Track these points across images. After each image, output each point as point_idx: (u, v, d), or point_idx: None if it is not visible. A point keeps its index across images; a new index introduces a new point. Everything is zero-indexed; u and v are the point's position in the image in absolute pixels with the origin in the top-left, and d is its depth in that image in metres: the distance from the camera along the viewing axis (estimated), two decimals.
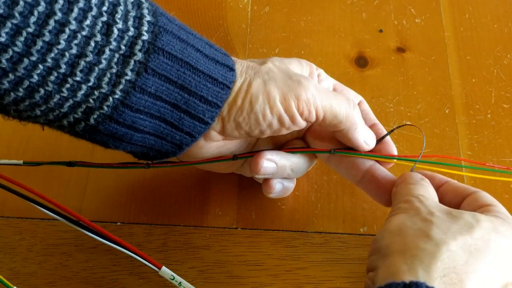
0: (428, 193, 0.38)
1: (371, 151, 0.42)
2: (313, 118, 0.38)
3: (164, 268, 0.40)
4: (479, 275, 0.32)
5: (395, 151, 0.42)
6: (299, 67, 0.41)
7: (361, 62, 0.54)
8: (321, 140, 0.42)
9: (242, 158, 0.41)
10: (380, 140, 0.42)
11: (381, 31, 0.56)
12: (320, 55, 0.54)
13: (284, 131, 0.39)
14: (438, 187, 0.40)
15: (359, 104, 0.44)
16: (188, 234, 0.45)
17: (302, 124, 0.39)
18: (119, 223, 0.45)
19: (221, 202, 0.47)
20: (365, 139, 0.41)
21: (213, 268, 0.44)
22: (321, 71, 0.43)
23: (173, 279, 0.40)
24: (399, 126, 0.44)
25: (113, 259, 0.43)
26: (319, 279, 0.43)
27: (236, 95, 0.37)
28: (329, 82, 0.43)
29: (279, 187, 0.43)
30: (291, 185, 0.44)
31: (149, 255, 0.40)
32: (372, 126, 0.43)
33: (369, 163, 0.42)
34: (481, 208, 0.37)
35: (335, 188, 0.47)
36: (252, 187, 0.47)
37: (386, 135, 0.42)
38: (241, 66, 0.38)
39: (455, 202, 0.39)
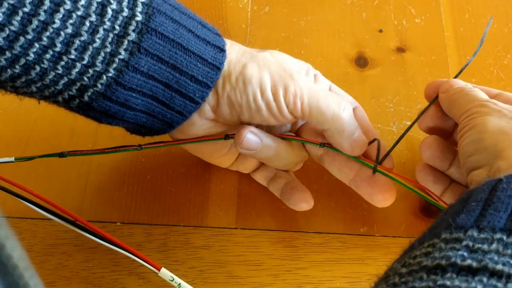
0: (488, 97, 0.39)
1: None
2: (299, 111, 0.39)
3: (163, 269, 0.40)
4: None
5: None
6: (297, 64, 0.42)
7: (361, 62, 0.54)
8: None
9: (233, 138, 0.41)
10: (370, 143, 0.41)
11: (381, 31, 0.56)
12: (320, 55, 0.54)
13: (273, 121, 0.40)
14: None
15: (353, 110, 0.43)
16: (188, 234, 0.45)
17: (288, 116, 0.39)
18: (118, 223, 0.45)
19: (221, 202, 0.47)
20: (352, 144, 0.40)
21: (213, 268, 0.44)
22: (318, 73, 0.43)
23: (172, 280, 0.40)
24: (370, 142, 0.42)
25: (113, 259, 0.43)
26: (319, 279, 0.43)
27: (231, 72, 0.38)
28: (325, 84, 0.43)
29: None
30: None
31: (149, 255, 0.40)
32: (364, 132, 0.42)
33: None
34: None
35: (335, 188, 0.47)
36: (252, 187, 0.47)
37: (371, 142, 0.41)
38: (238, 47, 0.39)
39: None
